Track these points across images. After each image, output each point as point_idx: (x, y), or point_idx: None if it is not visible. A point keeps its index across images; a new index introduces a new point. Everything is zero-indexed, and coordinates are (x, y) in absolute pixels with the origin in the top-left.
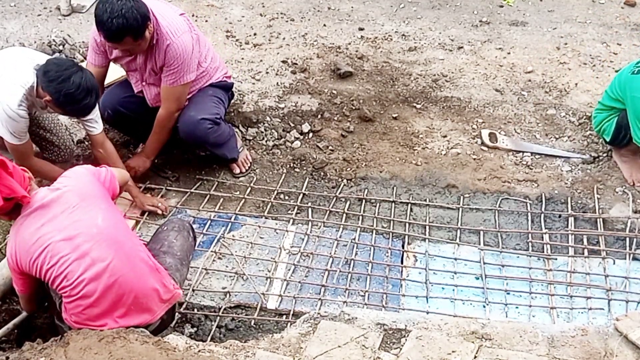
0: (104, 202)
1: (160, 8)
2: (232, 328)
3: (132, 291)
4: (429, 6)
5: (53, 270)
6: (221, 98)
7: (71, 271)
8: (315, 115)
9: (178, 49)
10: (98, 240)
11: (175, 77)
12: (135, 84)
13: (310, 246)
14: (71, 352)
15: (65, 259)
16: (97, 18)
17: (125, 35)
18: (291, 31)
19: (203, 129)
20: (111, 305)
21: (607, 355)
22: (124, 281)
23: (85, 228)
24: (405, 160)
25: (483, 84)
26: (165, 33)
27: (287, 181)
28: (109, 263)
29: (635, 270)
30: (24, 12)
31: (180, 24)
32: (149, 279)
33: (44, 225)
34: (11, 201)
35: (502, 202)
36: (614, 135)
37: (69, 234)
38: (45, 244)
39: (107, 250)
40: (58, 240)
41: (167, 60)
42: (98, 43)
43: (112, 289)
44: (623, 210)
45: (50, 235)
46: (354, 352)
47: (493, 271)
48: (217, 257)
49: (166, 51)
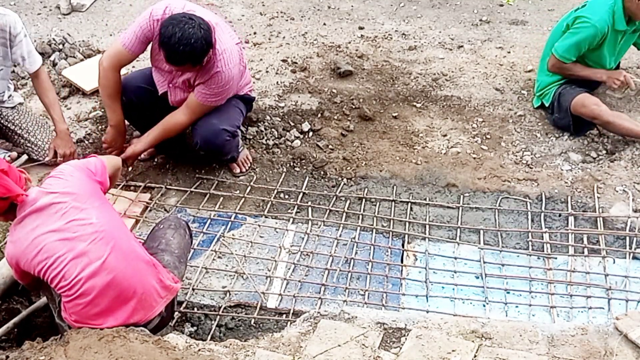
0: (97, 199)
1: (220, 32)
2: (232, 327)
3: (130, 287)
4: (429, 5)
5: (50, 270)
6: (242, 110)
7: (68, 271)
8: (315, 114)
9: (224, 79)
10: (94, 239)
11: (209, 99)
12: (161, 83)
13: (310, 245)
14: (71, 351)
15: (61, 259)
16: (164, 39)
17: (187, 62)
18: (291, 30)
19: (222, 139)
20: (110, 303)
21: (607, 354)
22: (121, 278)
23: (80, 227)
24: (405, 160)
25: (483, 83)
26: (219, 60)
27: (287, 180)
28: (105, 260)
29: (635, 269)
30: (23, 10)
31: (234, 55)
32: (146, 275)
33: (38, 227)
34: (6, 200)
35: (502, 201)
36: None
37: (65, 234)
38: (41, 244)
39: (103, 248)
40: (54, 241)
41: (209, 83)
42: (147, 35)
43: (110, 286)
44: (623, 209)
45: (46, 237)
46: (354, 351)
47: (493, 270)
48: (217, 256)
49: (212, 76)
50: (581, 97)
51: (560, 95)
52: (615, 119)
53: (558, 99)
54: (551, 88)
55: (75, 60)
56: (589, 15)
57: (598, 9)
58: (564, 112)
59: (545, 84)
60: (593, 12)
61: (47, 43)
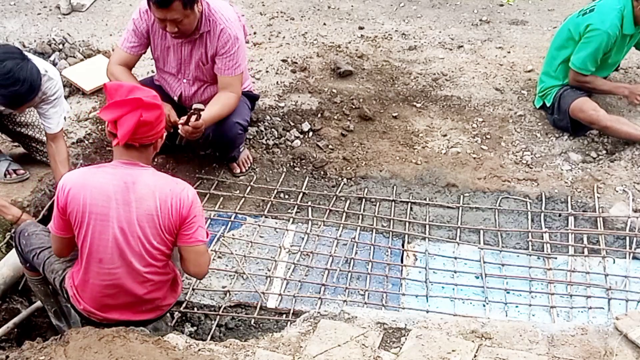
0: None
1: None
2: (232, 327)
3: (123, 290)
4: (429, 5)
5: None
6: (249, 106)
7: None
8: (315, 114)
9: (232, 32)
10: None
11: (232, 64)
12: (174, 85)
13: (310, 245)
14: (71, 351)
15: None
16: None
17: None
18: (291, 30)
19: (235, 132)
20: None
21: (607, 354)
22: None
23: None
24: (405, 159)
25: (483, 83)
26: (219, 18)
27: (287, 180)
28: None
29: (635, 269)
30: (23, 10)
31: (231, 12)
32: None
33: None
34: (114, 136)
35: (502, 201)
36: (551, 104)
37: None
38: (101, 213)
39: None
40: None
41: (221, 44)
42: (140, 29)
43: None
44: (623, 209)
45: (110, 214)
46: (354, 351)
47: (493, 270)
48: (217, 256)
49: (220, 35)
50: (579, 102)
51: (561, 97)
52: (613, 124)
53: (559, 101)
54: (553, 89)
55: (75, 60)
56: (599, 23)
57: (608, 15)
58: (563, 114)
59: (548, 85)
60: (603, 18)
61: (47, 43)
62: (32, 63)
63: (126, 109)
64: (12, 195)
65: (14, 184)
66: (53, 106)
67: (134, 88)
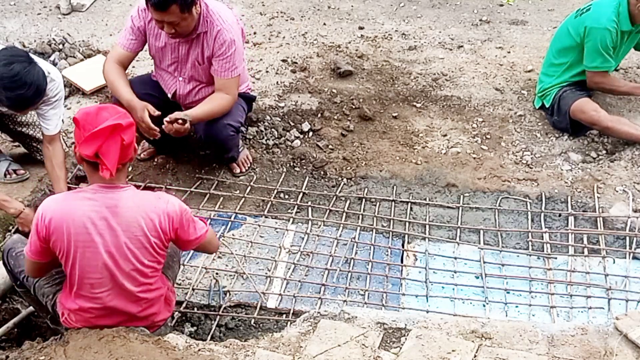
0: None
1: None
2: (232, 327)
3: (117, 311)
4: (429, 5)
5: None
6: (244, 108)
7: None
8: (315, 114)
9: (229, 35)
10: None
11: (228, 66)
12: (169, 82)
13: (310, 245)
14: (71, 351)
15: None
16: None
17: (172, 2)
18: (291, 30)
19: (226, 134)
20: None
21: (607, 354)
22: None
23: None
24: (405, 159)
25: (483, 83)
26: (216, 19)
27: (287, 180)
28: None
29: (635, 269)
30: (23, 10)
31: (229, 14)
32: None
33: (96, 225)
34: (99, 159)
35: (502, 201)
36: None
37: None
38: (87, 240)
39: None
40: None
41: (217, 45)
42: (138, 26)
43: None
44: (623, 209)
45: (96, 240)
46: (354, 351)
47: (493, 270)
48: (217, 256)
49: (216, 37)
50: (580, 103)
51: (560, 99)
52: (614, 124)
53: (558, 102)
54: (552, 90)
55: (75, 60)
56: (594, 22)
57: (603, 12)
58: (563, 115)
59: (547, 85)
60: (598, 16)
61: (47, 43)
62: (39, 67)
63: (103, 136)
64: (12, 195)
65: (14, 184)
66: (53, 107)
67: (99, 110)
